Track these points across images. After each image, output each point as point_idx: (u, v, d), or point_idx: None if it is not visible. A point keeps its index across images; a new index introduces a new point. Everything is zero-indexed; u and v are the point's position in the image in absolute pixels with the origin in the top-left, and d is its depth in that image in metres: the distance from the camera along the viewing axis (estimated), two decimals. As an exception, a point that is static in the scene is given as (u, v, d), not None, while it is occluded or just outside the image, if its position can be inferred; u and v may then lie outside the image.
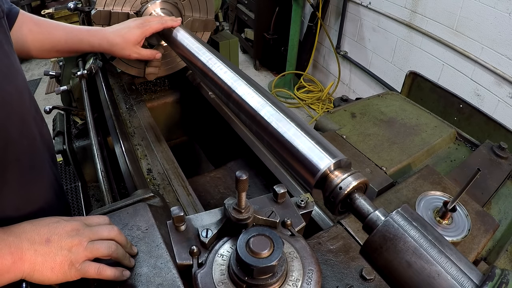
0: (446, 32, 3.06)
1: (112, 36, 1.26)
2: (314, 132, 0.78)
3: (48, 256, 0.63)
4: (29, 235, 0.64)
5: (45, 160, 0.94)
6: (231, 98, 0.97)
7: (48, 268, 0.62)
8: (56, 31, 1.19)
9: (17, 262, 0.60)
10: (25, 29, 1.11)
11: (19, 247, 0.62)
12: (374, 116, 1.41)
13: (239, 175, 0.56)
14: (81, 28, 1.26)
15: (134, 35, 1.28)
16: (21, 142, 0.80)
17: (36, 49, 1.16)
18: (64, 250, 0.64)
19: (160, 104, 1.87)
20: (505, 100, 2.72)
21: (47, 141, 0.97)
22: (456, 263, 0.54)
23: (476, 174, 0.72)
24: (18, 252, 0.61)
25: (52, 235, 0.65)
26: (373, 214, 0.63)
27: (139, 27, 1.29)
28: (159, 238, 0.74)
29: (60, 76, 2.26)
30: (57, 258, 0.63)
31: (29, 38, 1.12)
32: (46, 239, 0.64)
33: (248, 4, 5.06)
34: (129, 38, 1.28)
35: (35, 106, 0.93)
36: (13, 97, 0.77)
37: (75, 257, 0.64)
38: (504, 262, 0.94)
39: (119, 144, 1.32)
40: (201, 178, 1.48)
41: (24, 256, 0.61)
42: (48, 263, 0.62)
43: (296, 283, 0.58)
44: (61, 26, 1.21)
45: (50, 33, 1.18)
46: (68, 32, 1.21)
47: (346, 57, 4.35)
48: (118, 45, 1.27)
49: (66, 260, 0.63)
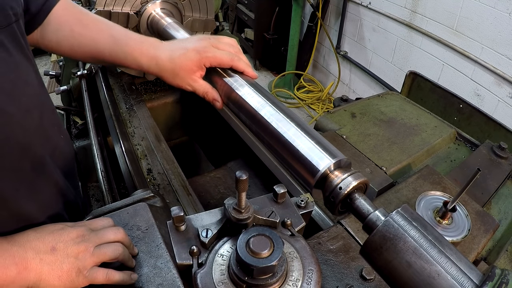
0: (446, 32, 3.06)
1: (163, 59, 0.98)
2: (314, 132, 0.78)
3: (55, 264, 0.62)
4: (33, 244, 0.63)
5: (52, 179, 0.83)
6: (231, 98, 0.96)
7: (55, 277, 0.61)
8: (101, 36, 0.99)
9: (22, 272, 0.59)
10: (66, 28, 0.95)
11: (24, 257, 0.60)
12: (374, 116, 1.41)
13: (239, 175, 0.56)
14: (131, 38, 1.01)
15: (188, 61, 0.96)
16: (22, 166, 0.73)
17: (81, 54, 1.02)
18: (71, 257, 0.63)
19: (160, 104, 1.87)
20: (505, 100, 2.72)
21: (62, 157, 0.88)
22: (456, 263, 0.54)
23: (476, 174, 0.72)
24: (23, 262, 0.59)
25: (57, 243, 0.64)
26: (373, 214, 0.63)
27: (198, 52, 0.96)
28: (159, 238, 0.74)
29: (60, 76, 2.26)
30: (64, 266, 0.62)
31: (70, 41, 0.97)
32: (51, 248, 0.63)
33: (248, 4, 5.06)
34: (182, 64, 0.96)
35: (52, 121, 0.83)
36: (14, 119, 0.68)
37: (82, 264, 0.63)
38: (504, 262, 0.94)
39: (119, 144, 1.32)
40: (201, 178, 1.48)
41: (29, 266, 0.60)
42: (55, 271, 0.61)
43: (296, 283, 0.58)
44: (108, 31, 1.00)
45: (94, 40, 0.99)
46: (116, 41, 0.99)
47: (346, 57, 4.35)
48: (168, 72, 0.99)
49: (73, 267, 0.62)
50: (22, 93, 0.71)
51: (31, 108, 0.74)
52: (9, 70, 0.68)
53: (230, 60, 0.98)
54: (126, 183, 1.23)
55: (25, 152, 0.72)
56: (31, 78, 0.75)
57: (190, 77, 0.99)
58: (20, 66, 0.71)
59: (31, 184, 0.75)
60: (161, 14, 1.49)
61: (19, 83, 0.70)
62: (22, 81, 0.71)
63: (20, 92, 0.70)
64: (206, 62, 0.97)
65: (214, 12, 1.75)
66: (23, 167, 0.73)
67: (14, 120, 0.68)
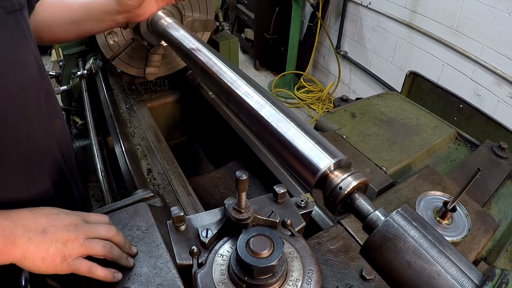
0: (446, 32, 3.06)
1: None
2: (314, 132, 0.78)
3: (42, 246, 0.62)
4: (25, 222, 0.63)
5: (51, 159, 0.91)
6: (231, 98, 0.97)
7: (39, 258, 0.62)
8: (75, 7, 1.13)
9: (8, 246, 0.60)
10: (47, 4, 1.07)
11: (13, 232, 0.61)
12: (374, 116, 1.41)
13: (239, 175, 0.56)
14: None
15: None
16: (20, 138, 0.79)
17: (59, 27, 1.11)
18: (59, 243, 0.64)
19: (160, 104, 1.87)
20: (505, 100, 2.72)
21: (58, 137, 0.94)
22: (456, 263, 0.54)
23: (476, 174, 0.72)
24: (11, 237, 0.60)
25: (49, 226, 0.65)
26: (373, 214, 0.63)
27: None
28: (159, 238, 0.74)
29: (60, 76, 2.26)
30: (50, 250, 0.63)
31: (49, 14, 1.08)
32: (42, 229, 0.64)
33: (248, 4, 5.06)
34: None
35: (49, 104, 0.89)
36: (12, 93, 0.75)
37: (69, 252, 0.64)
38: (504, 262, 0.94)
39: (119, 144, 1.32)
40: (201, 178, 1.48)
41: (16, 242, 0.61)
42: (40, 253, 0.62)
43: (296, 283, 0.58)
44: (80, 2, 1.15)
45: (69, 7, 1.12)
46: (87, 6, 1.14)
47: (346, 57, 4.35)
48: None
49: (59, 253, 0.63)
50: (20, 72, 0.77)
51: (28, 88, 0.80)
52: (10, 50, 0.74)
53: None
54: (126, 183, 1.23)
55: (21, 128, 0.78)
56: (31, 62, 0.81)
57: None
58: (20, 49, 0.78)
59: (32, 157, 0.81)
60: (161, 14, 1.48)
61: (18, 64, 0.76)
62: (22, 62, 0.78)
63: (18, 71, 0.76)
64: None
65: (214, 12, 1.75)
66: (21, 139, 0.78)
67: (11, 93, 0.74)
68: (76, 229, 0.67)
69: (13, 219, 0.63)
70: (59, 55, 3.24)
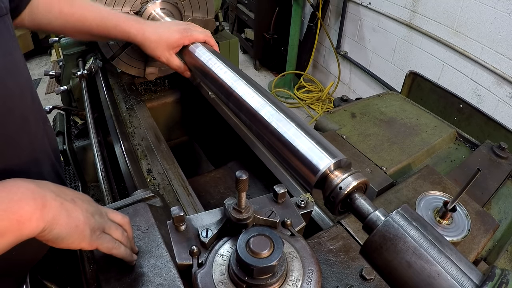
0: (446, 32, 3.06)
1: (149, 31, 1.17)
2: (314, 132, 0.78)
3: (73, 213, 0.58)
4: (53, 188, 0.59)
5: (47, 158, 0.93)
6: (231, 98, 0.97)
7: (72, 225, 0.57)
8: (90, 14, 1.11)
9: (40, 209, 0.53)
10: (56, 9, 1.05)
11: (43, 195, 0.55)
12: (374, 116, 1.41)
13: (239, 175, 0.56)
14: (115, 14, 1.18)
15: (171, 38, 1.17)
16: (21, 138, 0.80)
17: (71, 31, 1.13)
18: (89, 213, 0.61)
19: (160, 104, 1.87)
20: (505, 100, 2.72)
21: (50, 140, 0.97)
22: (456, 263, 0.54)
23: (476, 174, 0.72)
24: (42, 199, 0.54)
25: (76, 198, 0.61)
26: (373, 214, 0.63)
27: (180, 32, 1.18)
28: (159, 238, 0.74)
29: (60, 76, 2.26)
30: (81, 218, 0.59)
31: (60, 21, 1.07)
32: (71, 199, 0.60)
33: (248, 4, 5.06)
34: (167, 40, 1.17)
35: (38, 106, 0.92)
36: (15, 93, 0.76)
37: (97, 224, 0.62)
38: (504, 262, 0.94)
39: (119, 144, 1.32)
40: (201, 178, 1.48)
41: (48, 205, 0.55)
42: (73, 220, 0.57)
43: (296, 283, 0.58)
44: (96, 9, 1.14)
45: (83, 16, 1.10)
46: (104, 17, 1.14)
47: (346, 57, 4.35)
48: (152, 42, 1.17)
49: (89, 223, 0.60)
50: (18, 75, 0.79)
51: (25, 90, 0.82)
52: (8, 53, 0.76)
53: (205, 36, 1.21)
54: (126, 183, 1.23)
55: (25, 126, 0.80)
56: (23, 66, 0.83)
57: (168, 51, 1.19)
58: (14, 50, 0.79)
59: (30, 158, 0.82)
60: (161, 14, 1.49)
61: (15, 65, 0.78)
62: (17, 63, 0.80)
63: (17, 74, 0.78)
64: (185, 41, 1.18)
65: (214, 12, 1.75)
66: (22, 139, 0.79)
67: (14, 94, 0.76)
68: (97, 206, 0.66)
69: (39, 183, 0.58)
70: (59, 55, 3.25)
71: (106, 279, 0.66)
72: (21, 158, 0.81)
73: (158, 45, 1.17)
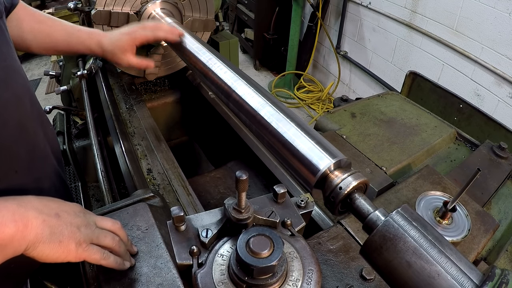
0: (446, 32, 3.06)
1: (105, 41, 1.22)
2: (314, 132, 0.78)
3: (57, 229, 0.58)
4: (36, 205, 0.59)
5: (47, 162, 0.92)
6: (231, 98, 0.97)
7: (56, 242, 0.57)
8: (57, 32, 1.17)
9: (21, 230, 0.54)
10: (26, 26, 1.08)
11: (24, 215, 0.56)
12: (374, 116, 1.41)
13: (239, 175, 0.56)
14: (82, 30, 1.23)
15: (122, 42, 1.22)
16: (19, 148, 0.79)
17: (37, 47, 1.15)
18: (74, 227, 0.60)
19: (160, 104, 1.87)
20: (505, 100, 2.72)
21: (51, 142, 0.96)
22: (456, 263, 0.54)
23: (476, 174, 0.72)
24: (23, 220, 0.55)
25: (61, 211, 0.61)
26: (373, 214, 0.63)
27: (128, 34, 1.23)
28: (159, 238, 0.74)
29: (60, 76, 2.26)
30: (65, 233, 0.59)
31: (30, 36, 1.10)
32: (55, 213, 0.60)
33: (248, 4, 5.05)
34: (118, 45, 1.21)
35: (38, 109, 0.91)
36: (10, 103, 0.75)
37: (83, 237, 0.61)
38: (504, 262, 0.94)
39: (119, 144, 1.32)
40: (201, 178, 1.48)
41: (30, 224, 0.55)
42: (56, 236, 0.57)
43: (296, 283, 0.58)
44: (62, 26, 1.19)
45: (50, 34, 1.16)
46: (70, 34, 1.19)
47: (346, 57, 4.35)
48: (108, 52, 1.23)
49: (73, 237, 0.60)
50: (14, 81, 0.77)
51: (22, 95, 0.81)
52: (2, 59, 0.74)
53: (152, 35, 1.25)
54: (126, 183, 1.23)
55: (22, 135, 0.79)
56: (18, 69, 0.83)
57: (124, 55, 1.24)
58: (8, 57, 0.78)
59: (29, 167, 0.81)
60: (161, 14, 1.49)
61: (10, 72, 0.77)
62: (13, 69, 0.78)
63: (12, 80, 0.77)
64: (136, 41, 1.24)
65: (214, 12, 1.75)
66: (19, 151, 0.78)
67: (9, 104, 0.74)
68: (85, 216, 0.65)
69: (21, 202, 0.58)
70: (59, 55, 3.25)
71: (106, 280, 0.66)
72: (19, 168, 0.79)
73: (114, 53, 1.23)
